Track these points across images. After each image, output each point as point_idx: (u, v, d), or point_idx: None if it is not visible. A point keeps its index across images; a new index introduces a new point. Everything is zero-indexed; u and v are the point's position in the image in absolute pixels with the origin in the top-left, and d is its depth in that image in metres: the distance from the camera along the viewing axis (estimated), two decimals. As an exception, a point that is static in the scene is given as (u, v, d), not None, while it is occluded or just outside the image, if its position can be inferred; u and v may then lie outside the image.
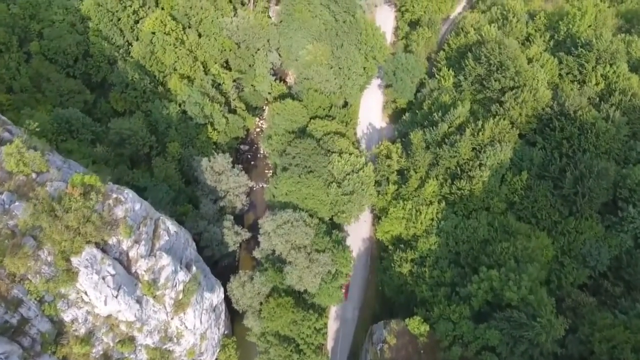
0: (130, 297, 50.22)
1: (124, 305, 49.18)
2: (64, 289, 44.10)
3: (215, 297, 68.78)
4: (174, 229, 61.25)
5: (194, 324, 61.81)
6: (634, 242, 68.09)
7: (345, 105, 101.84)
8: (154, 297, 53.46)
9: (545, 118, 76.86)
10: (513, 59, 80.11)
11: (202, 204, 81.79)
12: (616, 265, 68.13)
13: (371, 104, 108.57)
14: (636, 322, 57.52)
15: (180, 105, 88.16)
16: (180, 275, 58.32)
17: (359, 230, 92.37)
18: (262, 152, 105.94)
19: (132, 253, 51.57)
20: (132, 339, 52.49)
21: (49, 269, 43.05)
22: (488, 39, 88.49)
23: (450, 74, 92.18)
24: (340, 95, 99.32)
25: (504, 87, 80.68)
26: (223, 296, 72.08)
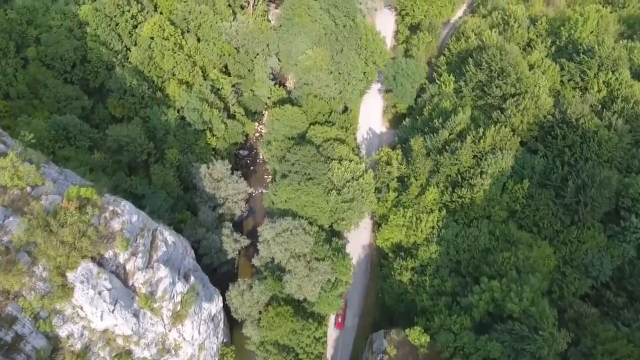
0: (127, 311, 49.55)
1: (121, 320, 48.53)
2: (59, 305, 43.41)
3: (214, 306, 68.19)
4: (171, 240, 60.65)
5: (192, 335, 61.18)
6: (636, 252, 67.38)
7: (345, 111, 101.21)
8: (151, 310, 52.82)
9: (547, 126, 76.10)
10: (514, 65, 79.40)
11: (200, 211, 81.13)
12: (618, 276, 67.43)
13: (371, 108, 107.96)
14: (639, 335, 56.89)
15: (178, 111, 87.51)
16: (178, 287, 57.73)
17: (358, 237, 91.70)
18: (261, 157, 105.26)
19: (129, 266, 50.93)
20: (129, 353, 51.79)
21: (44, 284, 42.37)
22: (489, 44, 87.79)
23: (451, 79, 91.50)
24: (340, 100, 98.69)
25: (505, 93, 79.96)
26: (222, 305, 71.53)
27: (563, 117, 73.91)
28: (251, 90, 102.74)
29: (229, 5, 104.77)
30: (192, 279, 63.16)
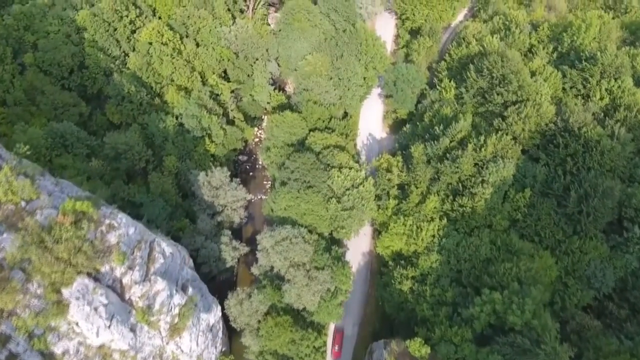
0: (124, 326, 48.88)
1: (117, 335, 47.86)
2: (54, 322, 42.77)
3: (212, 316, 67.52)
4: (169, 251, 59.94)
5: (190, 347, 60.56)
6: (639, 264, 66.64)
7: (345, 116, 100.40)
8: (148, 324, 52.12)
9: (549, 134, 75.39)
10: (516, 72, 78.63)
11: (199, 219, 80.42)
12: (621, 287, 66.66)
13: (371, 113, 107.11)
14: (642, 349, 56.30)
15: (177, 118, 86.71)
16: (176, 299, 57.08)
17: (358, 244, 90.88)
18: (260, 163, 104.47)
19: (125, 280, 50.27)
20: (125, 368, 51.12)
21: (38, 302, 41.69)
22: (490, 50, 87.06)
23: (452, 85, 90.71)
24: (340, 106, 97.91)
25: (506, 101, 79.21)
26: (220, 314, 70.83)
27: (565, 126, 73.17)
28: (250, 95, 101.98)
29: (228, 9, 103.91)
30: (190, 289, 62.56)
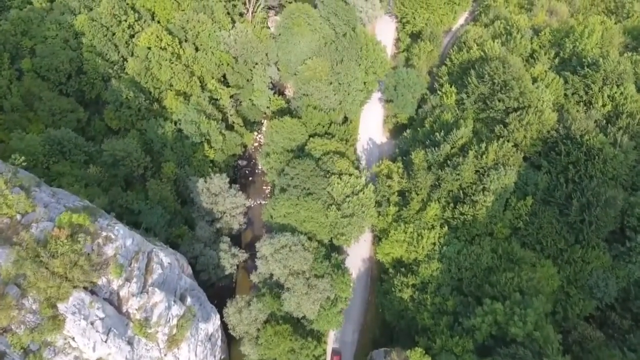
0: (121, 339, 48.26)
1: (114, 349, 47.23)
2: (50, 337, 42.10)
3: (211, 325, 66.91)
4: (167, 261, 59.34)
5: (189, 358, 59.88)
6: (642, 274, 66.06)
7: (345, 121, 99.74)
8: (146, 336, 51.46)
9: (551, 141, 74.71)
10: (517, 78, 77.96)
11: (198, 226, 79.78)
12: (624, 297, 66.04)
13: (371, 117, 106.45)
14: (646, 361, 55.74)
15: (175, 124, 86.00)
16: (174, 310, 56.44)
17: (358, 250, 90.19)
18: (260, 167, 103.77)
19: (123, 292, 49.63)
20: (123, 381, 50.43)
21: (33, 317, 41.06)
22: (491, 55, 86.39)
23: (453, 90, 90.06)
24: (340, 111, 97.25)
25: (507, 107, 78.52)
26: (219, 322, 70.22)
27: (567, 133, 72.50)
28: (250, 99, 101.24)
29: (228, 13, 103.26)
30: (189, 299, 61.93)
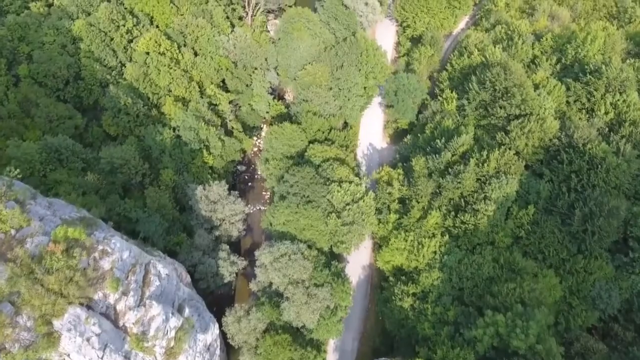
0: (118, 354, 47.54)
1: (111, 364, 46.56)
2: (45, 355, 41.33)
3: (210, 335, 66.16)
4: (165, 272, 58.59)
5: (187, 369, 59.19)
6: (645, 285, 65.34)
7: (345, 127, 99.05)
8: (143, 350, 50.74)
9: (553, 149, 73.91)
10: (519, 85, 77.16)
11: (196, 234, 79.02)
12: (627, 308, 65.31)
13: (372, 122, 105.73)
14: (649, 375, 55.08)
15: (174, 130, 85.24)
16: (172, 322, 55.71)
17: (359, 257, 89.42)
18: (259, 173, 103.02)
19: (119, 306, 48.89)
20: (119, 397, 49.70)
21: (28, 334, 40.32)
22: (493, 61, 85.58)
23: (454, 96, 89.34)
24: (340, 116, 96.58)
25: (509, 114, 77.79)
26: (218, 331, 69.52)
27: (569, 141, 71.71)
28: (249, 104, 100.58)
29: (227, 17, 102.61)
30: (187, 310, 61.27)
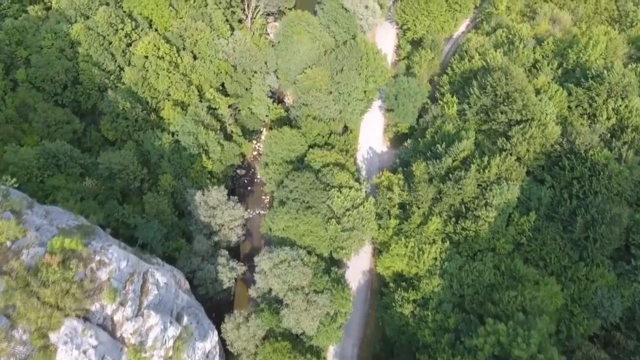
0: (115, 366, 47.05)
1: (108, 377, 46.02)
2: (40, 368, 40.86)
3: (209, 343, 65.57)
4: (163, 280, 58.03)
5: (185, 379, 58.68)
6: (647, 293, 64.88)
7: (345, 131, 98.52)
8: (140, 361, 50.21)
9: (554, 155, 73.42)
10: (520, 90, 76.61)
11: (195, 240, 78.53)
12: (629, 316, 64.90)
13: (372, 126, 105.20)
14: (652, 386, 54.64)
15: (173, 135, 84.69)
16: (170, 331, 55.14)
17: (359, 262, 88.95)
18: (259, 177, 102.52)
19: (117, 317, 48.31)
20: (117, 409, 49.16)
21: (24, 348, 39.73)
22: (494, 66, 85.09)
23: (454, 100, 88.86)
24: (340, 121, 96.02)
25: (510, 120, 77.28)
26: (217, 339, 69.02)
27: (571, 147, 71.21)
28: (249, 108, 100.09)
29: (227, 20, 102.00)
30: (185, 318, 60.68)
